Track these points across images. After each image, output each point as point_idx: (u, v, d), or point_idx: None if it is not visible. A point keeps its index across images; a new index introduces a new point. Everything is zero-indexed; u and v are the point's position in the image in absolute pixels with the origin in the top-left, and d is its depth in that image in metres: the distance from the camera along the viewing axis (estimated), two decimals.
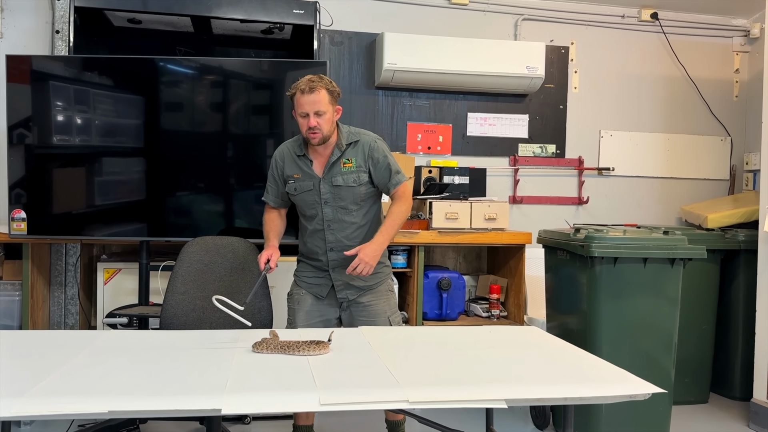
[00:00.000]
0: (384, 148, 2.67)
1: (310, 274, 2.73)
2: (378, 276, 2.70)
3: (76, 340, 2.09)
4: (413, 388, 1.58)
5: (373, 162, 2.62)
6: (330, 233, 2.63)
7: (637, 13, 4.58)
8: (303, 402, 1.50)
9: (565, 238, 3.31)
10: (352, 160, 2.61)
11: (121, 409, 1.40)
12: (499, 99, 4.39)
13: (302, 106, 2.50)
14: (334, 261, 2.65)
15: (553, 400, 1.59)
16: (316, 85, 2.48)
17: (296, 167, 2.65)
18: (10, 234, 3.19)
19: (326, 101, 2.51)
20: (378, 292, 2.71)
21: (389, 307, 2.73)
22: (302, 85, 2.50)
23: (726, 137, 4.77)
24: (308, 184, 2.62)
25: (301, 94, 2.49)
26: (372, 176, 2.65)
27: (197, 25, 3.76)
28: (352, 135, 2.64)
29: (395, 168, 2.65)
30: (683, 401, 3.76)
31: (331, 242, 2.64)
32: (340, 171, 2.61)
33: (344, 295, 2.68)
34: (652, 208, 4.66)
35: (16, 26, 3.76)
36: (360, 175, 2.62)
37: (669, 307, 3.17)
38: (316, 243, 2.67)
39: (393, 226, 2.60)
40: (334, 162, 2.60)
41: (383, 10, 4.23)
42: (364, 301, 2.69)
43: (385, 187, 2.66)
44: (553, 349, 2.09)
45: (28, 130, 3.21)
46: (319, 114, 2.49)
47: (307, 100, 2.48)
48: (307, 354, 1.90)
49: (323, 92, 2.50)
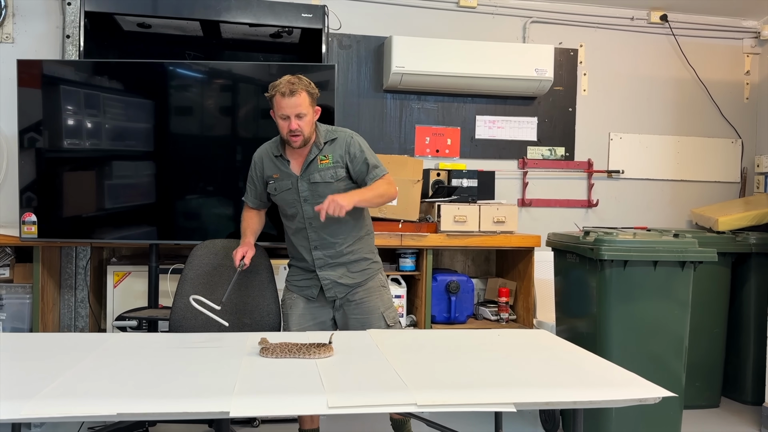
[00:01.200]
0: (361, 143, 2.65)
1: (299, 277, 2.72)
2: (366, 272, 2.69)
3: (86, 342, 2.10)
4: (421, 390, 1.57)
5: (350, 157, 2.61)
6: (312, 231, 2.62)
7: (647, 15, 4.56)
8: (311, 405, 1.49)
9: (574, 241, 3.29)
10: (328, 157, 2.60)
11: (130, 412, 1.41)
12: (507, 102, 4.38)
13: (282, 109, 2.48)
14: (320, 260, 2.64)
15: (562, 403, 1.58)
16: (297, 88, 2.46)
17: (275, 168, 2.65)
18: (20, 237, 3.21)
19: (307, 103, 2.50)
20: (369, 289, 2.69)
21: (382, 303, 2.70)
22: (282, 87, 2.47)
23: (737, 139, 4.73)
24: (287, 183, 2.62)
25: (282, 97, 2.47)
26: (350, 171, 2.63)
27: (206, 30, 3.77)
28: (329, 133, 2.64)
29: (373, 162, 2.63)
30: (694, 405, 3.73)
31: (315, 240, 2.63)
32: (317, 168, 2.59)
33: (333, 293, 2.66)
34: (662, 211, 4.63)
35: (27, 31, 3.79)
36: (337, 171, 2.60)
37: (679, 310, 3.15)
38: (300, 242, 2.67)
39: (370, 189, 2.57)
40: (311, 160, 2.59)
41: (391, 14, 4.23)
42: (356, 299, 2.67)
43: (363, 182, 2.64)
44: (563, 353, 2.08)
45: (39, 134, 3.23)
46: (300, 116, 2.48)
47: (288, 104, 2.46)
48: (311, 357, 1.89)
49: (304, 94, 2.48)
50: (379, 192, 2.59)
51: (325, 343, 1.97)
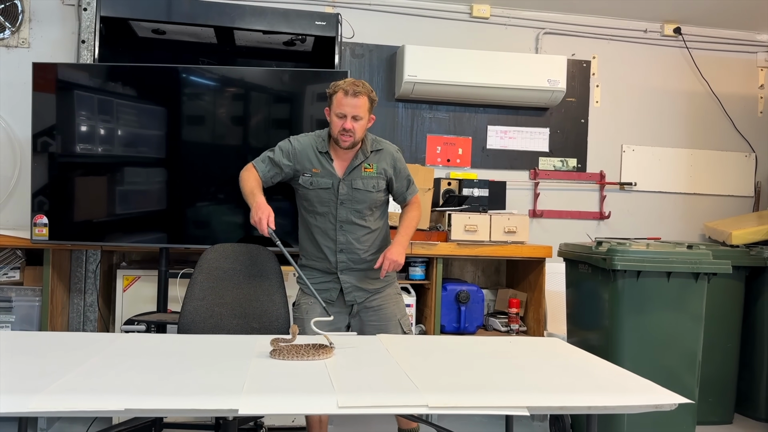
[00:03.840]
0: (403, 159, 2.77)
1: (318, 279, 2.69)
2: (386, 279, 2.71)
3: (95, 341, 2.09)
4: (433, 393, 1.55)
5: (395, 171, 2.70)
6: (342, 234, 2.63)
7: (660, 27, 4.56)
8: (321, 404, 1.47)
9: (587, 251, 3.26)
10: (373, 166, 2.65)
11: (138, 407, 1.39)
12: (519, 112, 4.37)
13: (342, 107, 2.52)
14: (343, 263, 2.64)
15: (576, 408, 1.55)
16: (360, 90, 2.52)
17: (317, 162, 2.65)
18: (32, 239, 3.21)
19: (366, 108, 2.55)
20: (387, 296, 2.71)
21: (399, 310, 2.72)
22: (346, 86, 2.52)
23: (750, 153, 4.70)
24: (327, 182, 2.63)
25: (344, 95, 2.51)
26: (391, 184, 2.71)
27: (220, 37, 3.79)
28: (375, 143, 2.71)
29: (412, 179, 2.77)
30: (707, 421, 3.67)
31: (342, 243, 2.64)
32: (360, 175, 2.63)
33: (353, 297, 2.66)
34: (674, 225, 4.59)
35: (43, 36, 3.82)
36: (379, 182, 2.66)
37: (693, 323, 3.11)
38: (325, 243, 2.66)
39: (410, 227, 2.70)
40: (356, 166, 2.63)
41: (404, 24, 4.25)
42: (374, 305, 2.68)
43: (401, 195, 2.75)
44: (576, 360, 2.05)
45: (52, 139, 3.24)
46: (357, 119, 2.53)
47: (349, 103, 2.51)
48: (316, 358, 1.88)
49: (365, 99, 2.54)
50: (415, 224, 2.75)
51: (325, 344, 1.97)
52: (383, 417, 3.58)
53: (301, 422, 3.39)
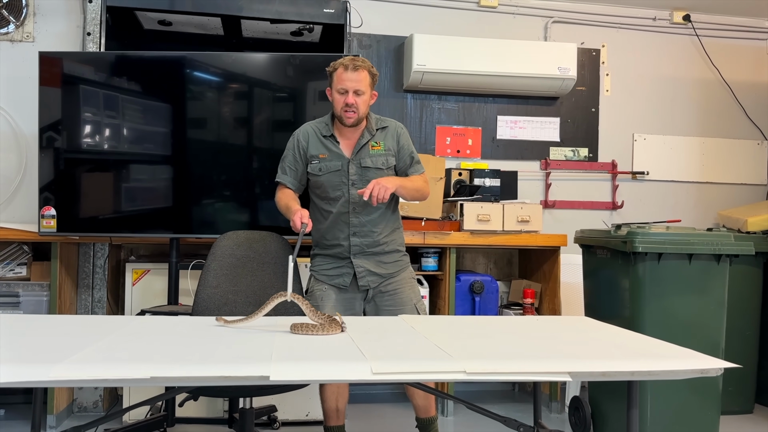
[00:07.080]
0: (408, 135, 2.71)
1: (330, 266, 2.64)
2: (398, 264, 2.67)
3: (110, 322, 2.02)
4: (469, 360, 1.48)
5: (399, 146, 2.65)
6: (354, 216, 2.58)
7: (669, 15, 4.52)
8: (354, 371, 1.40)
9: (605, 236, 3.20)
10: (380, 144, 2.61)
11: (165, 375, 1.33)
12: (529, 102, 4.32)
13: (343, 82, 2.48)
14: (356, 246, 2.59)
15: (619, 374, 1.48)
16: (360, 64, 2.49)
17: (322, 147, 2.60)
18: (39, 231, 3.15)
19: (367, 82, 2.51)
20: (402, 280, 2.66)
21: (414, 294, 2.67)
22: (346, 61, 2.49)
23: (762, 141, 4.65)
24: (335, 164, 2.58)
25: (344, 70, 2.48)
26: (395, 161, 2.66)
27: (227, 27, 3.75)
28: (380, 121, 2.67)
29: (416, 158, 2.69)
30: (727, 411, 3.58)
31: (355, 226, 2.58)
32: (368, 153, 2.59)
33: (366, 282, 2.60)
34: (687, 213, 4.53)
35: (48, 30, 3.77)
36: (388, 158, 2.62)
37: (715, 307, 3.05)
38: (338, 227, 2.60)
39: (411, 180, 2.61)
40: (364, 144, 2.59)
41: (412, 14, 4.20)
42: (389, 290, 2.62)
43: (404, 173, 2.66)
44: (610, 333, 1.98)
45: (58, 134, 3.20)
46: (358, 93, 2.49)
47: (350, 77, 2.47)
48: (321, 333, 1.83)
49: (365, 73, 2.51)
50: (417, 186, 2.63)
51: (333, 319, 1.91)
52: (397, 410, 3.50)
53: (314, 416, 3.31)
